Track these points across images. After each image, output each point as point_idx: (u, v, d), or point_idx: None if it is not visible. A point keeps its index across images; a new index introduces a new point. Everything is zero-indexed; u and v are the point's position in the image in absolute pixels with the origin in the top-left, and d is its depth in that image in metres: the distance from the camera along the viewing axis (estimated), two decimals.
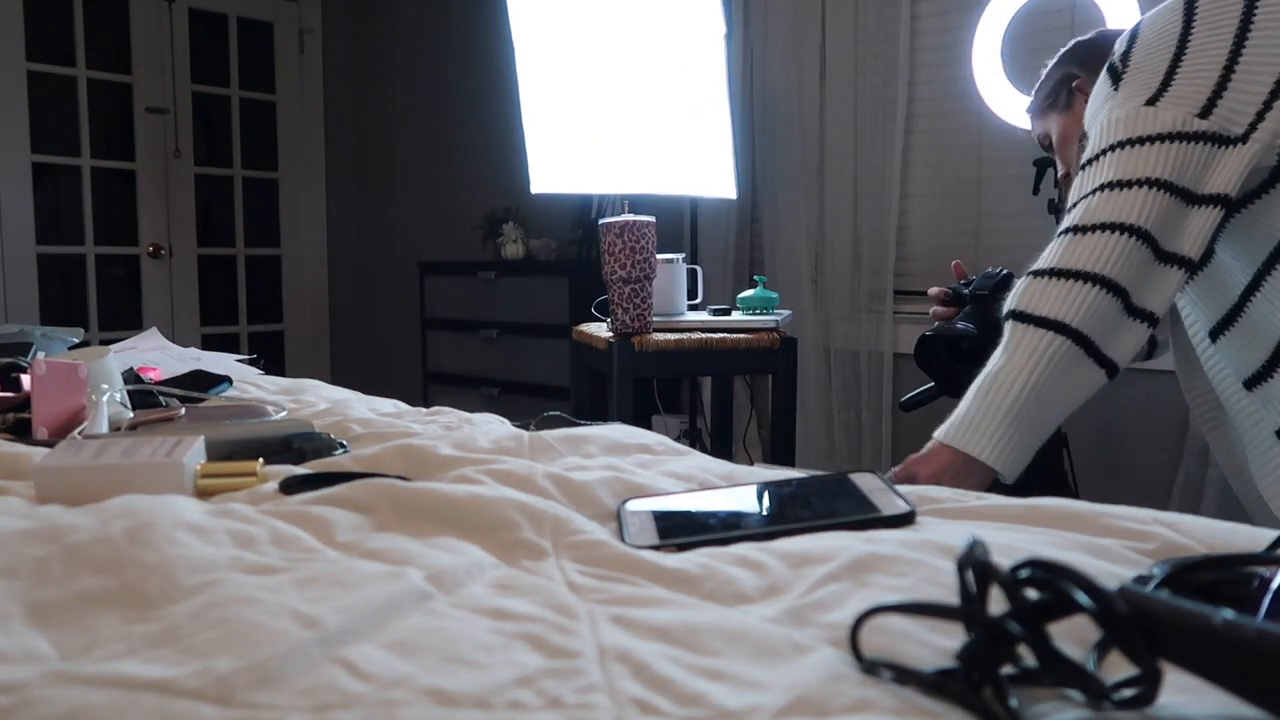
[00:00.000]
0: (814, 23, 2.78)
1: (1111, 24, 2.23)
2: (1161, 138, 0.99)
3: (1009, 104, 2.40)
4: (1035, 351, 0.96)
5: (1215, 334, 1.11)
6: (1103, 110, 1.06)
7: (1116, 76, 1.06)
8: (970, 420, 0.98)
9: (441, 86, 4.09)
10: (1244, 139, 0.98)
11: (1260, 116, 0.97)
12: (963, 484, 0.97)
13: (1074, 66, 1.28)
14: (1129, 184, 0.98)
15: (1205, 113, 0.99)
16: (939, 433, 1.01)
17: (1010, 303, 1.01)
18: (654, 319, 2.03)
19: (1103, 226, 0.97)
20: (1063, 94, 1.30)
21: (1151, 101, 1.01)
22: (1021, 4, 2.37)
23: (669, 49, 2.49)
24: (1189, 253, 0.98)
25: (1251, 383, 1.08)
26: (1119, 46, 1.08)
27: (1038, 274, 1.00)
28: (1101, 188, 1.00)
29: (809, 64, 2.80)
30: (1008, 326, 1.00)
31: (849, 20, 2.72)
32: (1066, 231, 1.00)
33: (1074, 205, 1.02)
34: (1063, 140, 1.31)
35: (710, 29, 2.48)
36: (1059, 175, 1.36)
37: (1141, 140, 1.00)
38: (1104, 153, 1.02)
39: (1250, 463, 1.13)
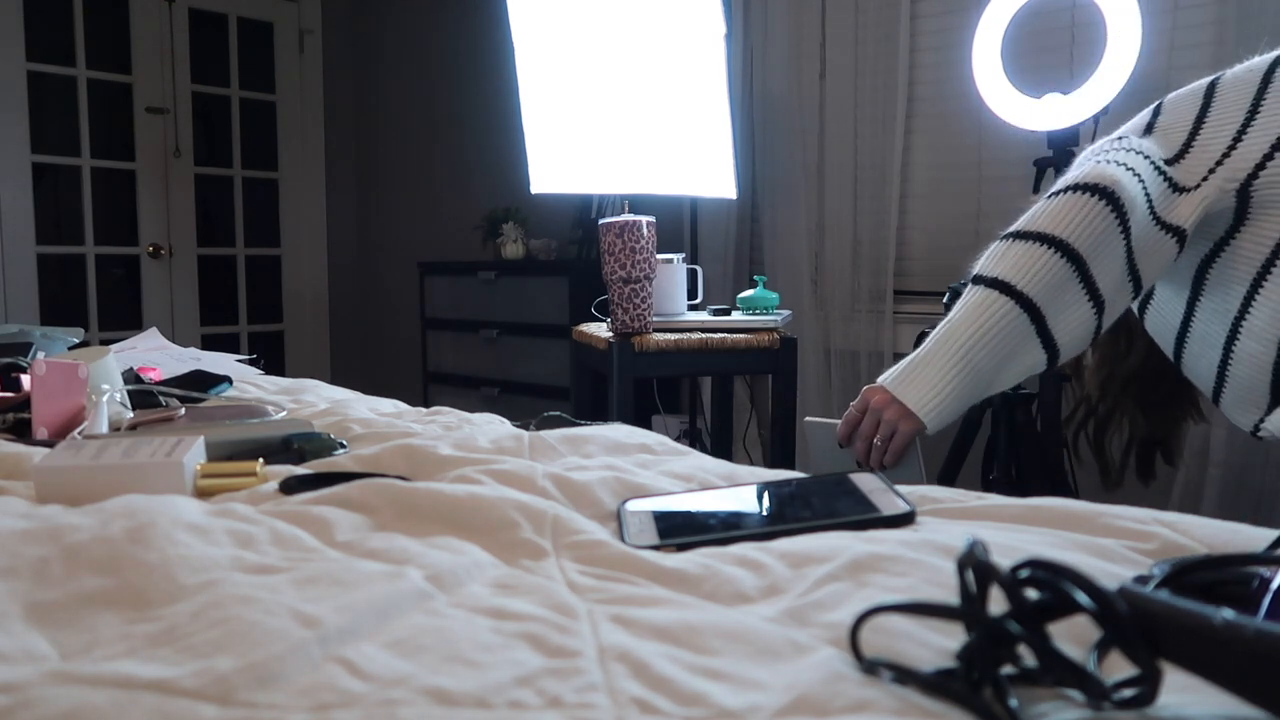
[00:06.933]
0: (814, 23, 2.79)
1: (1111, 24, 2.23)
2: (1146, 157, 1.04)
3: (1009, 104, 2.40)
4: (981, 312, 0.99)
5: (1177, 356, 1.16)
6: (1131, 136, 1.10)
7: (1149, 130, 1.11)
8: (911, 371, 1.03)
9: (442, 87, 4.09)
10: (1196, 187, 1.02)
11: (1212, 171, 1.02)
12: (899, 424, 1.03)
13: None
14: (1124, 166, 1.02)
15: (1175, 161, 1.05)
16: (884, 377, 1.06)
17: (975, 266, 1.05)
18: (654, 319, 2.03)
19: (1085, 188, 1.00)
20: None
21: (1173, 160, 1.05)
22: (1021, 4, 2.37)
23: (669, 49, 2.49)
24: (1145, 275, 1.02)
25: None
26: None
27: (1003, 238, 1.04)
28: (1098, 161, 1.04)
29: (809, 64, 2.80)
30: (967, 288, 1.04)
31: (849, 20, 2.72)
32: (1054, 194, 1.04)
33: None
34: None
35: (710, 29, 2.48)
36: None
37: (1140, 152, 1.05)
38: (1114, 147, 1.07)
39: None
